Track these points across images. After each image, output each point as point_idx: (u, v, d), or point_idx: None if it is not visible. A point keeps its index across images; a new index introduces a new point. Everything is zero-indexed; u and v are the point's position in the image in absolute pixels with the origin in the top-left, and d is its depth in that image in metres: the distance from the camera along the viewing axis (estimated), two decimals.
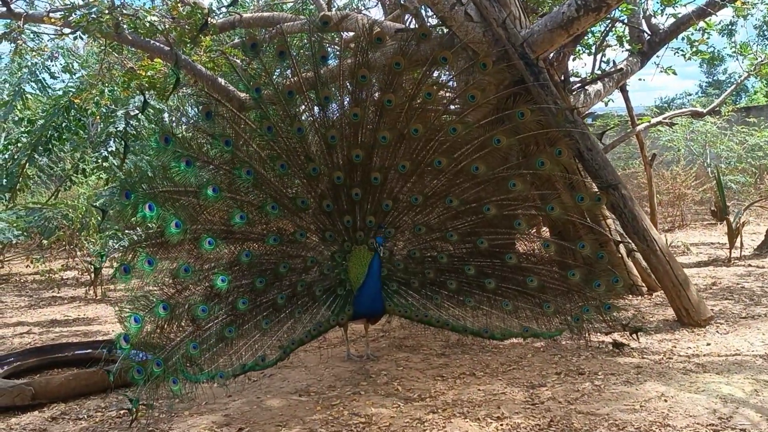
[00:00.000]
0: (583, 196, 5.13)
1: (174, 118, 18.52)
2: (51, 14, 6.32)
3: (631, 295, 6.33)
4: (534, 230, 5.08)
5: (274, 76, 4.73)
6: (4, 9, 6.35)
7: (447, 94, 5.11)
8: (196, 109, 4.60)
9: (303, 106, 4.72)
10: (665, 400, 3.67)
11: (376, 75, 4.64)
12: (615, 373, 4.19)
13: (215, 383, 3.94)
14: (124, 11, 5.91)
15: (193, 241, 4.05)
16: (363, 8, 13.85)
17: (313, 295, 4.54)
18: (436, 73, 4.81)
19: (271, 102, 4.51)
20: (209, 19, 5.89)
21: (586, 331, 4.72)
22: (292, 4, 11.82)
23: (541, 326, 4.70)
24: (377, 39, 4.73)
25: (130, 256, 3.95)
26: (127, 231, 9.38)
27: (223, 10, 9.44)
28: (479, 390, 4.02)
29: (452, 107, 5.15)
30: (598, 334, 4.92)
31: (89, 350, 5.28)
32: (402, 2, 10.09)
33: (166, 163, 4.10)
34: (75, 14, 5.95)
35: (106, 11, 5.65)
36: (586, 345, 4.80)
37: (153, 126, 9.06)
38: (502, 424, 3.47)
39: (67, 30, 6.45)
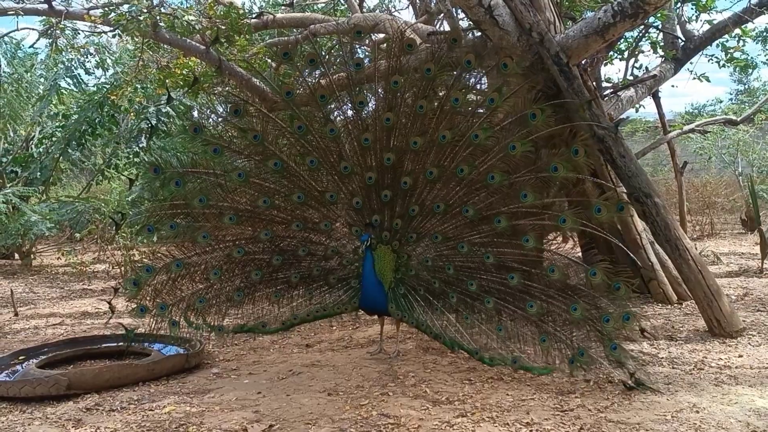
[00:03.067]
0: (601, 206, 4.35)
1: (204, 114, 18.75)
2: (91, 12, 6.42)
3: (660, 304, 6.28)
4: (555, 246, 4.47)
5: (307, 80, 4.80)
6: (46, 6, 6.48)
7: (477, 98, 5.05)
8: (226, 107, 4.84)
9: (336, 110, 4.85)
10: (697, 411, 3.64)
11: (408, 80, 4.65)
12: (645, 383, 4.16)
13: (212, 333, 4.61)
14: (162, 10, 5.99)
15: (218, 216, 4.59)
16: (393, 9, 13.90)
17: (328, 281, 4.87)
18: (464, 77, 4.76)
19: (303, 104, 4.68)
20: (246, 20, 5.96)
21: (589, 368, 4.13)
22: (323, 4, 11.90)
23: (535, 358, 4.26)
24: (408, 45, 4.81)
25: (156, 219, 4.66)
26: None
27: (255, 10, 9.55)
28: (507, 395, 4.02)
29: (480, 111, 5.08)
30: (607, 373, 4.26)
31: (121, 343, 5.41)
32: (430, 9, 10.12)
33: (195, 150, 4.70)
34: (114, 12, 6.05)
35: (145, 10, 5.75)
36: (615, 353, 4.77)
37: (182, 122, 9.24)
38: (531, 430, 3.46)
39: (106, 27, 6.55)
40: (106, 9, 6.27)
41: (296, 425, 3.65)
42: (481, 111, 4.70)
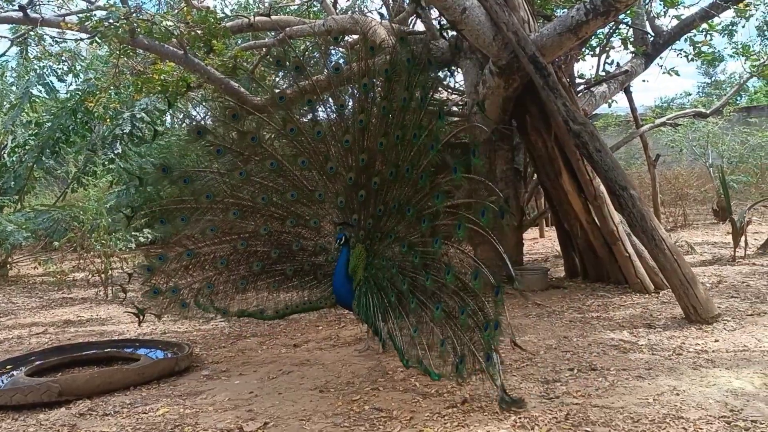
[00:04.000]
0: (486, 209, 4.15)
1: (178, 119, 18.63)
2: (67, 19, 6.40)
3: (638, 294, 6.45)
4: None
5: (299, 83, 4.93)
6: (21, 14, 6.44)
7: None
8: (224, 112, 5.00)
9: (321, 113, 5.01)
10: (677, 394, 3.77)
11: (374, 82, 4.78)
12: (627, 368, 4.30)
13: (219, 316, 4.91)
14: (141, 17, 6.00)
15: (224, 211, 4.91)
16: (366, 10, 13.98)
17: (317, 276, 5.09)
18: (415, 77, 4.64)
19: (292, 106, 4.89)
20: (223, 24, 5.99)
21: (468, 377, 3.80)
22: (296, 6, 11.94)
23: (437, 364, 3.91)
24: (371, 48, 4.94)
25: (167, 213, 4.98)
26: (134, 233, 9.57)
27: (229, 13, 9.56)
28: (495, 385, 4.12)
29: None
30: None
31: (108, 349, 5.42)
32: (403, 9, 10.21)
33: (197, 151, 5.01)
34: (91, 19, 6.04)
35: (123, 17, 5.75)
36: (597, 342, 4.92)
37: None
38: (520, 418, 3.56)
39: (83, 35, 6.53)
40: (82, 16, 6.25)
41: (290, 422, 3.71)
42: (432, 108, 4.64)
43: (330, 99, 4.91)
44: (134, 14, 5.99)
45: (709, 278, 6.97)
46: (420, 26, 11.32)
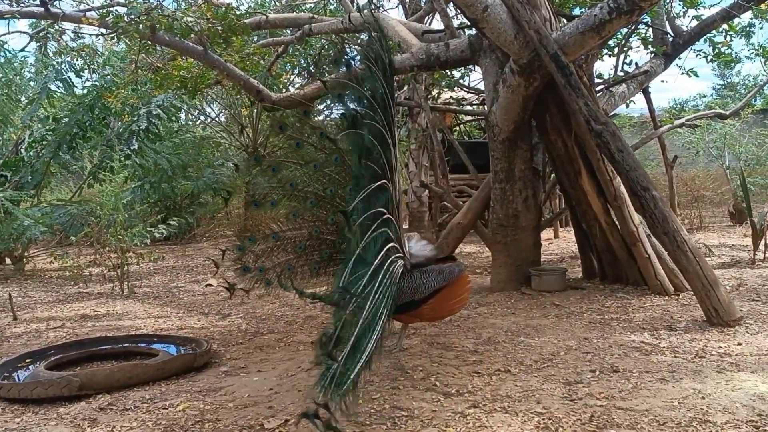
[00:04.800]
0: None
1: (193, 116, 18.70)
2: (87, 14, 6.41)
3: (658, 296, 6.40)
4: None
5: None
6: (42, 9, 6.46)
7: None
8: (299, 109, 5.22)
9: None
10: (703, 398, 3.73)
11: None
12: (649, 371, 4.25)
13: (297, 295, 4.83)
14: (162, 13, 6.00)
15: (303, 199, 5.12)
16: (382, 9, 13.96)
17: None
18: None
19: None
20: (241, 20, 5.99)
21: None
22: (313, 4, 11.94)
23: None
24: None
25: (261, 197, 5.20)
26: (149, 228, 9.61)
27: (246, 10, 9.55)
28: (516, 386, 4.09)
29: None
30: None
31: (126, 344, 5.44)
32: (420, 7, 10.19)
33: (281, 144, 5.29)
34: (111, 15, 6.05)
35: (144, 13, 5.76)
36: (618, 344, 4.88)
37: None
38: (543, 419, 3.53)
39: (103, 30, 6.55)
40: (103, 12, 6.26)
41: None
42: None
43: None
44: (155, 10, 5.99)
45: (729, 281, 6.90)
46: (436, 24, 11.32)
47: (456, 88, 11.32)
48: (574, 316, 5.85)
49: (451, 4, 8.12)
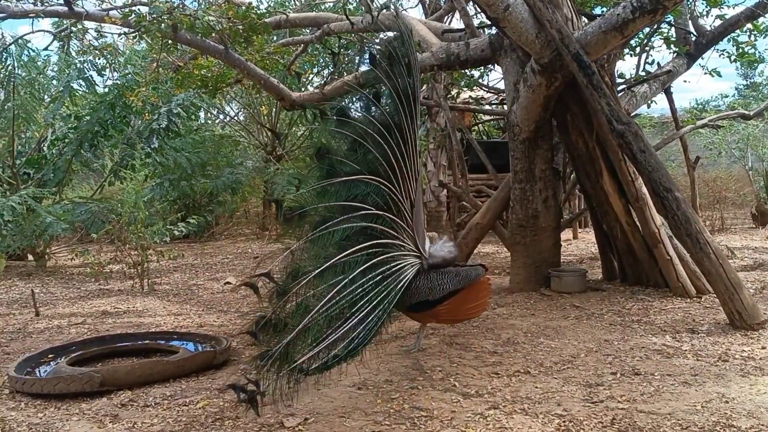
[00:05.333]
0: None
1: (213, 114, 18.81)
2: (110, 13, 6.47)
3: (679, 298, 6.33)
4: None
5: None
6: (66, 8, 6.53)
7: None
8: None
9: None
10: (726, 402, 3.68)
11: None
12: (671, 374, 4.21)
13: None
14: (184, 12, 6.05)
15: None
16: (402, 8, 13.96)
17: None
18: None
19: None
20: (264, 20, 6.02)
21: None
22: (332, 3, 11.95)
23: None
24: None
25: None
26: (169, 226, 9.68)
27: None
28: (536, 387, 4.07)
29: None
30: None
31: (147, 341, 5.48)
32: (440, 6, 10.16)
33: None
34: (133, 14, 6.10)
35: (167, 12, 5.80)
36: (639, 346, 4.83)
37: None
38: (564, 421, 3.51)
39: (125, 29, 6.61)
40: (125, 11, 6.32)
41: (330, 418, 3.70)
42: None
43: None
44: (177, 9, 6.04)
45: (752, 284, 6.81)
46: (455, 23, 11.30)
47: (475, 87, 11.28)
48: (595, 318, 5.80)
49: (471, 2, 8.08)
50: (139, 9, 6.26)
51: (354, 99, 4.88)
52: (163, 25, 5.92)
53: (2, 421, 3.83)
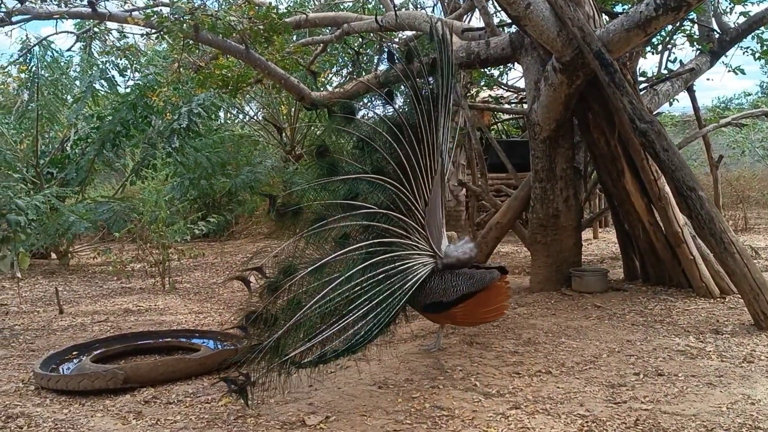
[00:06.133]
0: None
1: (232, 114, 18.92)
2: (133, 14, 6.54)
3: (702, 298, 6.26)
4: None
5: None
6: (90, 10, 6.61)
7: None
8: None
9: None
10: (752, 403, 3.63)
11: None
12: (696, 375, 4.16)
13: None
14: (206, 12, 6.09)
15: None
16: (420, 7, 13.93)
17: None
18: None
19: None
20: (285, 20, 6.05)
21: None
22: (351, 3, 11.97)
23: None
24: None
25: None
26: (190, 225, 9.75)
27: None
28: (558, 387, 4.05)
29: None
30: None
31: (169, 339, 5.52)
32: (459, 5, 10.12)
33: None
34: (155, 15, 6.16)
35: (188, 13, 5.84)
36: (662, 347, 4.78)
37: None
38: (587, 422, 3.48)
39: (147, 30, 6.67)
40: (148, 12, 6.38)
41: (352, 417, 3.71)
42: None
43: None
44: (198, 10, 6.08)
45: None
46: (475, 22, 11.25)
47: (494, 86, 11.23)
48: (616, 318, 5.75)
49: (492, 1, 8.05)
50: (161, 9, 6.30)
51: (367, 98, 4.88)
52: (184, 25, 5.97)
53: (28, 417, 3.88)
